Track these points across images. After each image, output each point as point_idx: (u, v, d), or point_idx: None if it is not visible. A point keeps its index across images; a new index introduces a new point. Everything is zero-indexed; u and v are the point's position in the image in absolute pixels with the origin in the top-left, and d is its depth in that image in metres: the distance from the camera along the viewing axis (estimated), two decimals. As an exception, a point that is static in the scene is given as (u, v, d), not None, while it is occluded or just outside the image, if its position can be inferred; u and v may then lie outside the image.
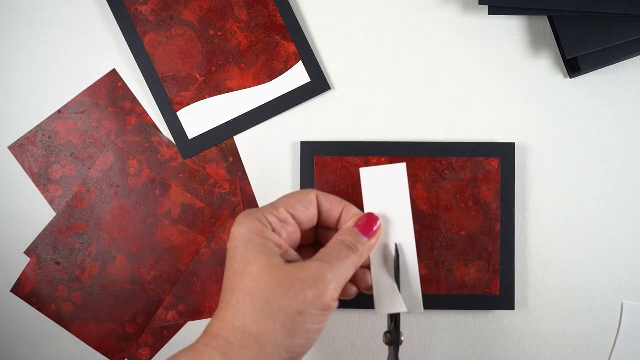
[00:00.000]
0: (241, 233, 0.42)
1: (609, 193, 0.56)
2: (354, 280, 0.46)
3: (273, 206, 0.44)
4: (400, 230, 0.47)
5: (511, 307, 0.55)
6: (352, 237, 0.44)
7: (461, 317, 0.56)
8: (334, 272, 0.42)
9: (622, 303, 0.56)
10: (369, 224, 0.45)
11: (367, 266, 0.47)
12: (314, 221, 0.46)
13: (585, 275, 0.56)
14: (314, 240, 0.49)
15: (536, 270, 0.56)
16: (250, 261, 0.41)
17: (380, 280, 0.46)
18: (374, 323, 0.56)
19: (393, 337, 0.46)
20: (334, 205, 0.46)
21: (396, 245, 0.47)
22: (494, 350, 0.56)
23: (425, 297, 0.55)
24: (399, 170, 0.48)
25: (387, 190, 0.47)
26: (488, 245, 0.55)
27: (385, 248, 0.47)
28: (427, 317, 0.56)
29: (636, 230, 0.56)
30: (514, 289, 0.55)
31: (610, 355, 0.56)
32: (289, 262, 0.43)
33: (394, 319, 0.47)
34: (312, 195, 0.46)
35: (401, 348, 0.56)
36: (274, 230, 0.43)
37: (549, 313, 0.56)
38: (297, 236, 0.45)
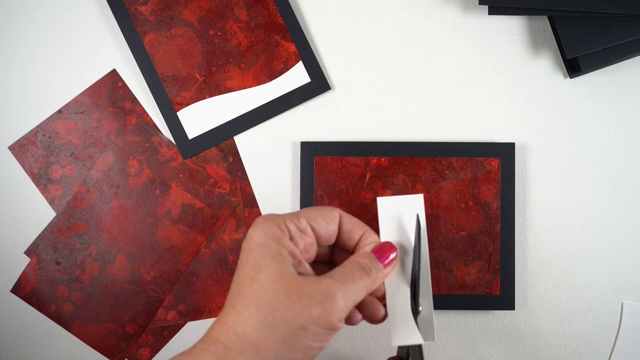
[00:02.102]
0: (258, 236, 0.42)
1: (609, 193, 0.56)
2: (362, 307, 0.45)
3: (295, 215, 0.44)
4: (416, 260, 0.47)
5: (511, 307, 0.55)
6: (368, 261, 0.44)
7: (461, 317, 0.56)
8: (344, 292, 0.41)
9: (622, 303, 0.56)
10: (386, 252, 0.45)
11: (378, 297, 0.46)
12: (333, 239, 0.45)
13: (585, 275, 0.56)
14: (328, 259, 0.48)
15: (536, 270, 0.56)
16: (261, 267, 0.41)
17: (396, 310, 0.45)
18: (374, 323, 0.56)
19: (411, 308, 0.46)
20: (355, 228, 0.45)
21: (413, 264, 0.46)
22: (494, 350, 0.56)
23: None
24: (416, 201, 0.47)
25: (403, 220, 0.47)
26: (488, 245, 0.55)
27: (400, 278, 0.46)
28: (427, 317, 0.56)
29: (636, 230, 0.56)
30: (514, 289, 0.55)
31: (610, 355, 0.56)
32: (300, 274, 0.42)
33: (415, 290, 0.46)
34: (336, 213, 0.45)
35: (401, 348, 0.56)
36: (291, 239, 0.43)
37: (549, 313, 0.56)
38: (313, 249, 0.44)
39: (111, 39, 0.58)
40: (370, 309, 0.45)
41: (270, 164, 0.57)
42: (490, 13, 0.54)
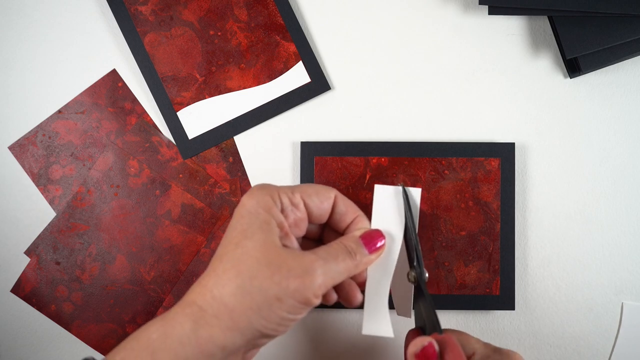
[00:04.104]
0: (249, 204, 0.42)
1: (609, 193, 0.56)
2: (340, 289, 0.46)
3: (290, 188, 0.44)
4: (403, 253, 0.47)
5: (511, 307, 0.55)
6: (354, 245, 0.44)
7: (461, 317, 0.56)
8: (324, 270, 0.41)
9: (622, 303, 0.56)
10: (374, 239, 0.45)
11: (358, 283, 0.46)
12: (325, 217, 0.46)
13: (585, 275, 0.56)
14: (318, 237, 0.48)
15: (536, 270, 0.56)
16: (247, 234, 0.41)
17: (373, 299, 0.46)
18: (374, 323, 0.56)
19: (417, 273, 0.46)
20: (349, 210, 0.46)
21: (409, 235, 0.46)
22: (494, 350, 0.56)
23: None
24: (414, 195, 0.47)
25: (397, 211, 0.47)
26: (488, 245, 0.55)
27: (384, 268, 0.46)
28: (427, 317, 0.56)
29: (636, 230, 0.56)
30: (514, 289, 0.55)
31: (610, 355, 0.56)
32: (286, 247, 0.42)
33: (416, 256, 0.46)
34: (332, 193, 0.45)
35: (401, 348, 0.56)
36: (282, 211, 0.43)
37: (549, 313, 0.56)
38: (303, 225, 0.45)
39: (111, 39, 0.58)
40: (347, 292, 0.46)
41: (270, 164, 0.57)
42: (490, 13, 0.54)
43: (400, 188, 0.47)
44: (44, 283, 0.56)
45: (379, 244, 0.45)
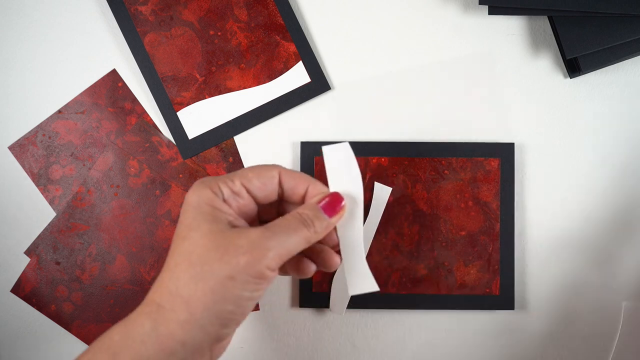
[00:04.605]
0: (192, 199, 0.42)
1: (609, 193, 0.56)
2: (314, 257, 0.45)
3: (229, 176, 0.44)
4: (360, 209, 0.47)
5: (511, 307, 0.55)
6: (311, 213, 0.43)
7: (461, 317, 0.56)
8: (274, 242, 0.41)
9: (623, 304, 0.56)
10: (332, 203, 0.44)
11: (332, 246, 0.46)
12: (273, 197, 0.45)
13: (585, 275, 0.56)
14: (276, 214, 0.48)
15: (536, 270, 0.56)
16: (193, 226, 0.41)
17: (350, 259, 0.46)
18: (374, 323, 0.56)
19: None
20: (299, 182, 0.45)
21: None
22: (494, 350, 0.56)
23: (425, 297, 0.55)
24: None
25: (351, 167, 0.46)
26: (488, 245, 0.55)
27: (353, 227, 0.46)
28: (427, 317, 0.56)
29: (636, 230, 0.56)
30: (514, 289, 0.55)
31: (611, 355, 0.55)
32: (235, 227, 0.42)
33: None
34: (274, 171, 0.45)
35: (401, 348, 0.56)
36: (224, 200, 0.43)
37: (549, 313, 0.56)
38: (249, 209, 0.44)
39: (111, 39, 0.58)
40: (323, 258, 0.45)
41: (270, 164, 0.57)
42: (490, 13, 0.54)
43: (347, 144, 0.46)
44: (44, 283, 0.56)
45: (338, 207, 0.44)
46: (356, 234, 0.46)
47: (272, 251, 0.41)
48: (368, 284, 0.46)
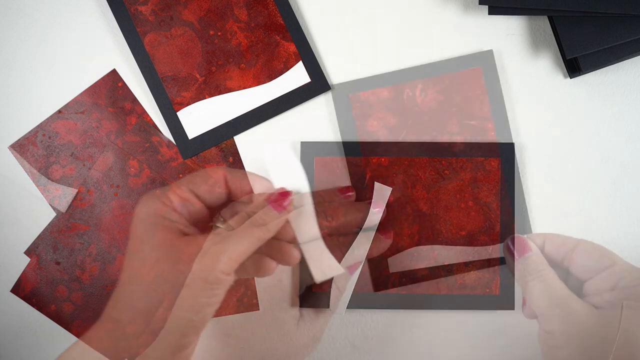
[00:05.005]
0: (140, 212, 0.43)
1: (609, 193, 0.56)
2: (274, 254, 0.45)
3: (177, 185, 0.44)
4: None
5: (511, 307, 0.55)
6: (260, 210, 0.43)
7: (461, 317, 0.56)
8: (226, 245, 0.41)
9: (622, 303, 0.56)
10: (279, 198, 0.44)
11: (290, 240, 0.45)
12: (222, 199, 0.45)
13: (585, 275, 0.56)
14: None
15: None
16: (144, 239, 0.41)
17: (309, 249, 0.46)
18: (374, 323, 0.56)
19: None
20: (244, 181, 0.45)
21: None
22: (494, 350, 0.56)
23: (425, 297, 0.55)
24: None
25: (291, 162, 0.47)
26: (488, 245, 0.55)
27: (306, 217, 0.46)
28: (427, 317, 0.56)
29: (636, 230, 0.56)
30: (513, 289, 0.55)
31: (610, 355, 0.55)
32: (187, 235, 0.43)
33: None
34: (219, 174, 0.45)
35: (401, 348, 0.56)
36: (174, 209, 0.43)
37: (549, 313, 0.55)
38: (201, 214, 0.45)
39: (111, 39, 0.58)
40: (282, 254, 0.45)
41: (270, 164, 0.57)
42: (490, 13, 0.54)
43: (286, 145, 0.47)
44: (44, 283, 0.56)
45: (286, 202, 0.44)
46: (310, 223, 0.46)
47: (225, 255, 0.40)
48: (332, 268, 0.46)
